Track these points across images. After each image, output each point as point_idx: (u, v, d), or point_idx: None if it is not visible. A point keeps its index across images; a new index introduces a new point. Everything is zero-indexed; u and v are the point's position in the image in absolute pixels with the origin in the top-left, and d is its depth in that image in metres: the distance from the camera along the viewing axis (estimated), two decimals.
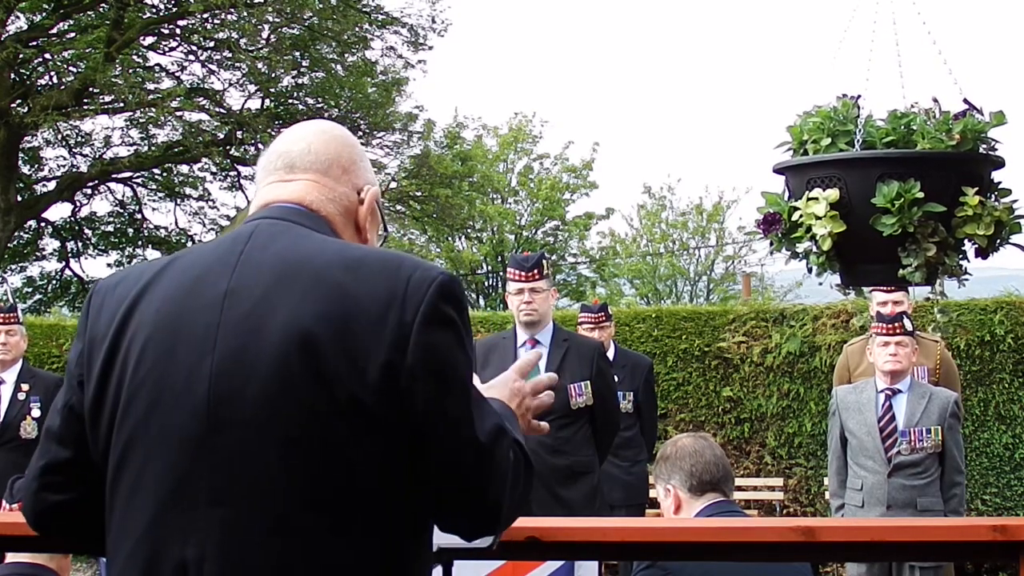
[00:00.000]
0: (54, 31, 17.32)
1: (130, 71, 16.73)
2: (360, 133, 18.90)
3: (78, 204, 20.34)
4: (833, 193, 2.52)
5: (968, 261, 2.61)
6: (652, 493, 6.43)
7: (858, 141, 2.58)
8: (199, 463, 1.52)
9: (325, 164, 1.75)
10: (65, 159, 19.82)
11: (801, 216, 2.58)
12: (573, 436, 4.82)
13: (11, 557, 2.93)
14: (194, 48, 18.24)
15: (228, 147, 18.32)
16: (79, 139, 19.46)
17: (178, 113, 17.22)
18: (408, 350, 1.51)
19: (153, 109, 16.59)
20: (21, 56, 16.30)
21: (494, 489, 1.55)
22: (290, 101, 19.34)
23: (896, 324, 5.15)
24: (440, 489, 1.54)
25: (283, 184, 1.74)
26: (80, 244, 21.13)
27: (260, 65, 17.50)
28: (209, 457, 1.52)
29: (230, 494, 1.50)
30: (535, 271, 4.90)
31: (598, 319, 6.52)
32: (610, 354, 6.53)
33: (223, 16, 17.00)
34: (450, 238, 25.72)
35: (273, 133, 17.47)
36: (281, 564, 1.49)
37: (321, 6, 17.60)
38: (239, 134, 17.82)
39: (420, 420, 1.51)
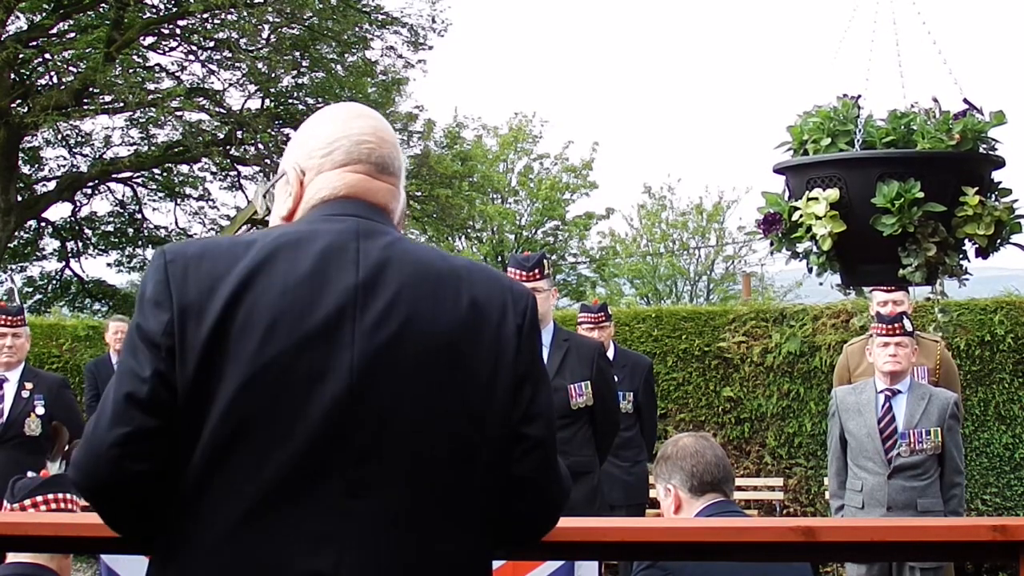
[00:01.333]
0: (54, 31, 17.31)
1: (130, 71, 16.71)
2: None
3: (78, 204, 20.34)
4: (833, 193, 2.52)
5: (968, 261, 2.61)
6: (652, 493, 6.43)
7: (858, 141, 2.58)
8: (335, 455, 1.54)
9: (397, 167, 1.80)
10: (65, 159, 19.83)
11: (801, 216, 2.58)
12: (573, 436, 4.82)
13: (11, 557, 2.93)
14: (194, 48, 18.23)
15: (228, 147, 18.30)
16: (79, 139, 19.47)
17: (178, 113, 17.21)
18: (522, 352, 1.68)
19: (153, 109, 16.59)
20: (21, 56, 16.29)
21: (568, 478, 1.78)
22: (290, 101, 19.32)
23: (896, 324, 5.14)
24: (530, 480, 1.68)
25: (373, 180, 1.75)
26: (80, 244, 21.12)
27: (260, 65, 17.49)
28: (346, 449, 1.54)
29: (369, 486, 1.54)
30: (536, 271, 4.90)
31: (598, 319, 6.52)
32: (610, 354, 6.52)
33: (223, 16, 16.99)
34: (450, 238, 25.71)
35: (273, 133, 17.49)
36: (412, 559, 1.56)
37: (321, 6, 17.60)
38: (239, 134, 17.80)
39: (523, 413, 1.66)
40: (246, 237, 1.66)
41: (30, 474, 3.26)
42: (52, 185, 19.37)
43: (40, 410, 5.89)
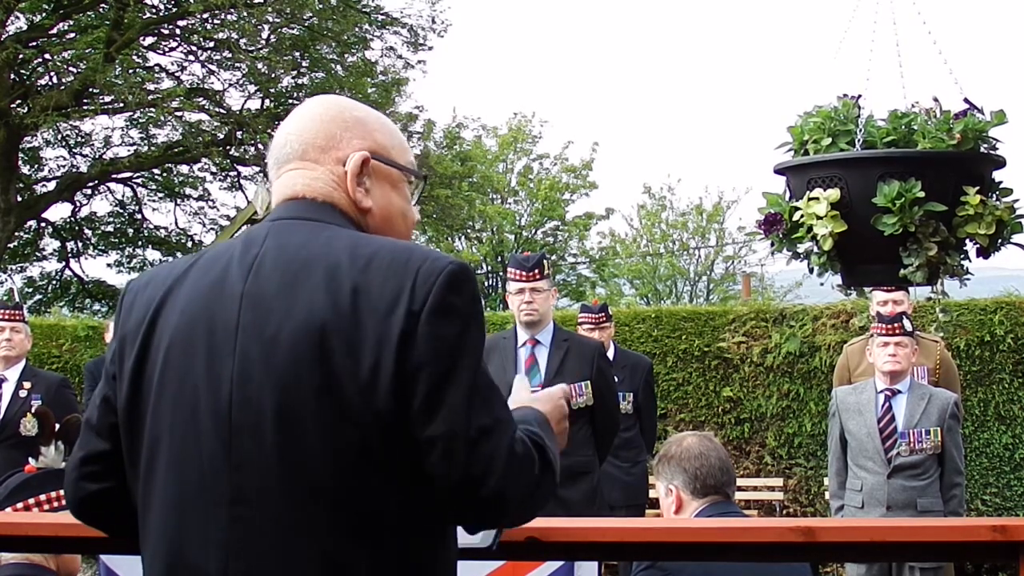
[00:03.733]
0: (54, 31, 17.33)
1: (130, 71, 16.74)
2: None
3: (78, 204, 20.35)
4: (834, 193, 2.52)
5: (969, 261, 2.61)
6: (652, 493, 6.43)
7: (859, 141, 2.58)
8: (221, 465, 1.55)
9: (301, 149, 1.74)
10: (65, 159, 19.86)
11: (802, 216, 2.57)
12: (573, 436, 4.80)
13: (10, 557, 2.92)
14: (194, 48, 18.25)
15: (228, 147, 18.33)
16: (79, 139, 19.49)
17: (178, 113, 17.23)
18: (415, 342, 1.51)
19: (153, 109, 16.61)
20: (21, 56, 16.31)
21: (494, 481, 1.53)
22: (290, 101, 19.30)
23: (896, 324, 5.14)
24: (440, 479, 1.53)
25: (276, 182, 1.77)
26: (80, 244, 21.13)
27: (260, 65, 17.51)
28: (230, 459, 1.55)
29: (252, 493, 1.53)
30: (536, 271, 4.90)
31: (598, 319, 6.52)
32: (610, 354, 6.52)
33: (223, 16, 17.01)
34: (450, 238, 25.72)
35: (272, 133, 17.49)
36: (299, 564, 1.52)
37: (321, 6, 17.61)
38: (239, 134, 17.82)
39: (421, 406, 1.51)
40: (190, 256, 1.75)
41: (30, 462, 3.24)
42: (52, 185, 19.39)
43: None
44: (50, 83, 17.33)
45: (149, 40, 17.86)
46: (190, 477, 1.57)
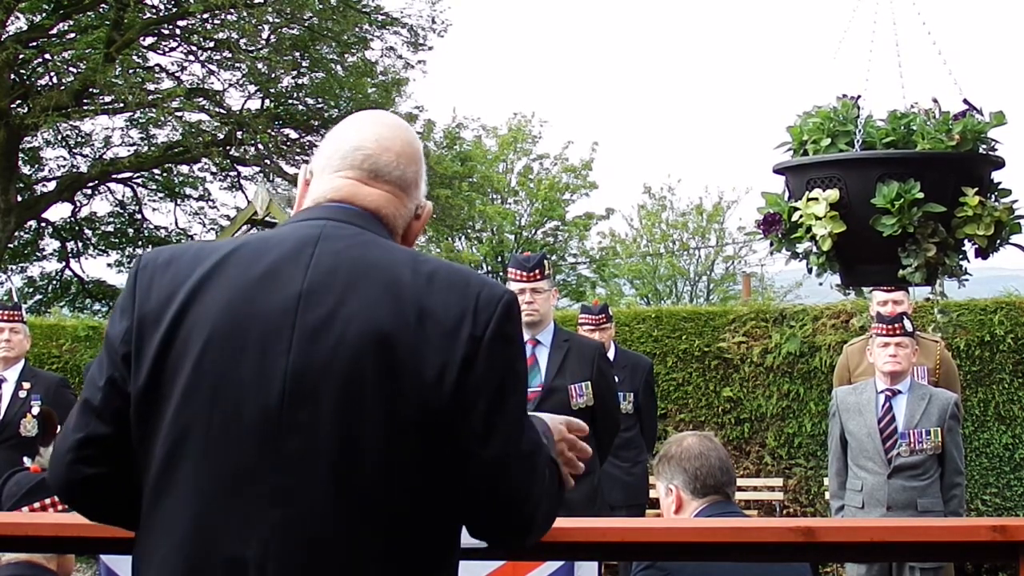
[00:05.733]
0: (54, 32, 17.32)
1: (130, 71, 16.74)
2: None
3: (78, 204, 20.35)
4: (833, 193, 2.52)
5: (968, 261, 2.61)
6: (653, 493, 6.43)
7: (858, 141, 2.58)
8: (264, 462, 1.54)
9: (406, 182, 1.77)
10: (65, 159, 19.85)
11: (801, 216, 2.57)
12: None
13: (9, 557, 2.92)
14: (194, 48, 18.25)
15: (228, 147, 18.31)
16: (79, 139, 19.49)
17: (178, 113, 17.23)
18: (477, 363, 1.56)
19: (153, 109, 16.61)
20: (21, 57, 16.31)
21: (533, 500, 1.63)
22: (290, 101, 19.34)
23: (896, 325, 5.14)
24: (487, 496, 1.60)
25: (362, 186, 1.74)
26: (80, 244, 21.13)
27: (260, 65, 17.51)
28: (274, 457, 1.54)
29: (295, 496, 1.52)
30: (537, 271, 4.89)
31: (599, 321, 6.52)
32: (610, 355, 6.52)
33: (223, 16, 17.00)
34: (450, 238, 25.71)
35: (273, 133, 17.50)
36: (339, 561, 1.53)
37: (321, 6, 17.61)
38: (239, 134, 17.80)
39: (476, 428, 1.56)
40: (217, 243, 1.71)
41: (26, 462, 3.24)
42: (52, 185, 19.39)
43: (37, 410, 5.86)
44: (50, 83, 17.32)
45: (149, 40, 17.85)
46: (229, 471, 1.54)
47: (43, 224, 20.42)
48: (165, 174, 20.36)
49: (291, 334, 1.56)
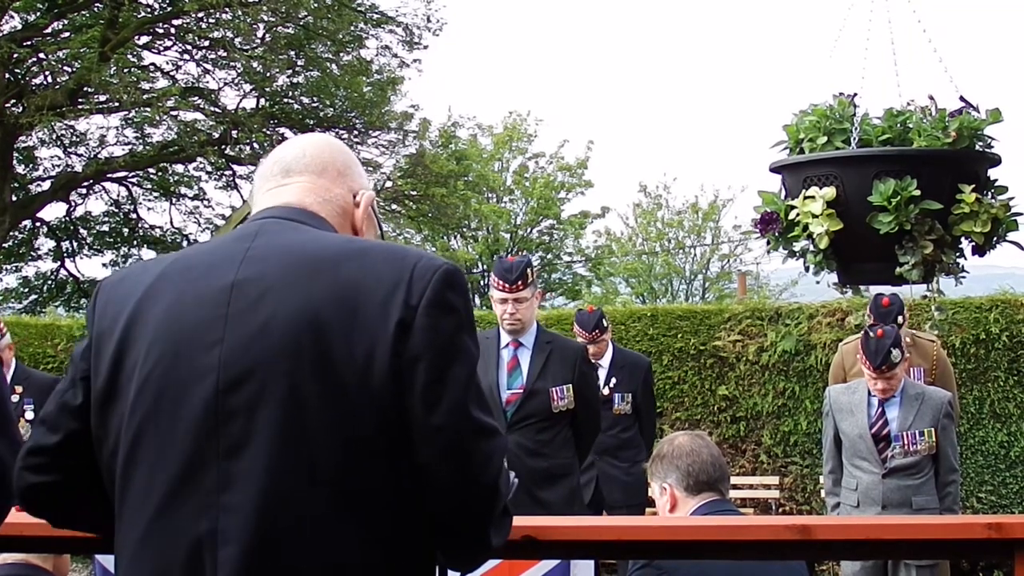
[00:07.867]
0: (48, 30, 17.27)
1: (125, 70, 16.69)
2: (355, 132, 18.90)
3: (73, 204, 20.30)
4: (830, 191, 2.52)
5: (965, 259, 2.61)
6: (652, 493, 6.43)
7: (854, 139, 2.58)
8: (210, 450, 1.55)
9: (319, 167, 1.81)
10: (60, 159, 19.79)
11: (798, 215, 2.58)
12: (553, 439, 4.79)
13: (5, 557, 2.92)
14: (189, 47, 18.21)
15: (223, 146, 18.29)
16: (74, 139, 19.43)
17: (173, 112, 17.20)
18: (412, 332, 1.54)
19: (148, 108, 16.54)
20: (15, 56, 16.26)
21: (490, 479, 1.59)
22: (285, 100, 19.31)
23: (884, 366, 4.97)
24: (436, 470, 1.56)
25: (280, 188, 1.79)
26: (75, 244, 21.08)
27: (255, 64, 17.49)
28: (218, 443, 1.55)
29: (242, 479, 1.53)
30: (519, 283, 4.86)
31: (593, 336, 6.35)
32: (608, 356, 6.49)
33: (218, 15, 16.96)
34: (445, 237, 25.71)
35: (268, 132, 17.48)
36: (290, 544, 1.53)
37: (316, 5, 17.58)
38: (234, 133, 17.76)
39: (421, 399, 1.54)
40: (164, 256, 1.77)
41: None
42: (47, 185, 19.34)
43: (30, 415, 5.72)
44: (45, 82, 17.27)
45: (144, 39, 17.82)
46: (180, 464, 1.56)
47: (38, 224, 20.37)
48: (160, 173, 20.31)
49: (223, 324, 1.58)
